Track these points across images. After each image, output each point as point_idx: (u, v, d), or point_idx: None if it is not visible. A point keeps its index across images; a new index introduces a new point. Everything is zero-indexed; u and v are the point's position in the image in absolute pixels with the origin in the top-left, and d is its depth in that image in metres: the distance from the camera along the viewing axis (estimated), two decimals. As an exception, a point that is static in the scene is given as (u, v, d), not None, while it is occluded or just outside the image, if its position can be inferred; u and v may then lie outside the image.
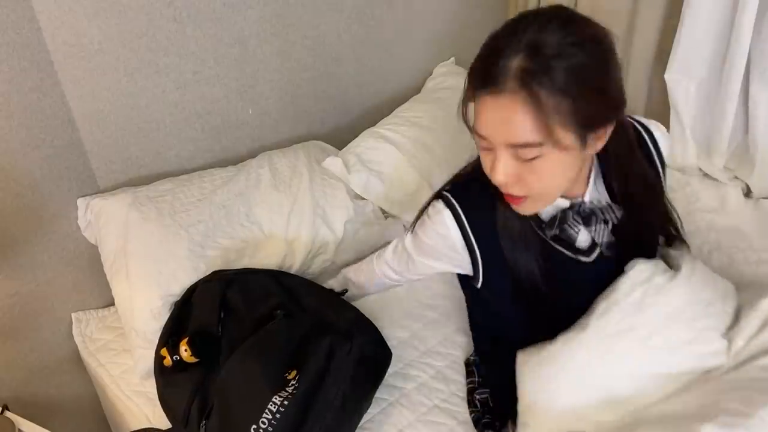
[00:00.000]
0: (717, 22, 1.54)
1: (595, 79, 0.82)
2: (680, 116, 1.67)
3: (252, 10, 1.57)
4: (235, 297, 1.27)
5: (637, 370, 0.97)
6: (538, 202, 0.93)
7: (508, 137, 0.84)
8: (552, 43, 0.79)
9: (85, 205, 1.44)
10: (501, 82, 0.81)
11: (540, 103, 0.79)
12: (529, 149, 0.83)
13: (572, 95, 0.80)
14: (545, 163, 0.85)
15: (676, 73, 1.62)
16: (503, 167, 0.86)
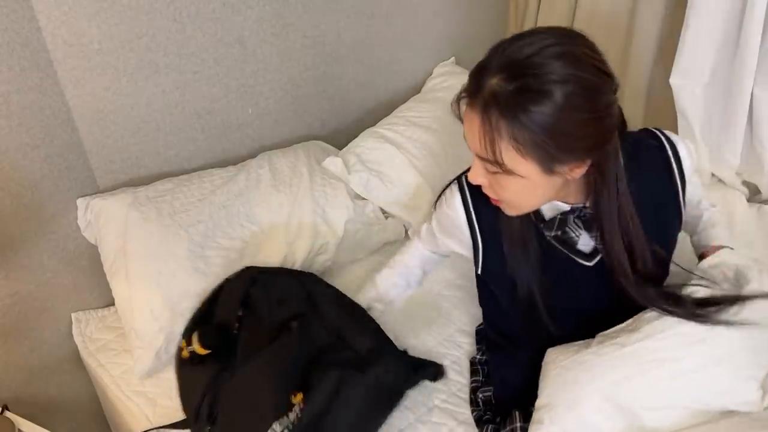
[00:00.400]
0: (721, 26, 1.54)
1: (566, 122, 0.80)
2: (689, 120, 1.66)
3: (252, 10, 1.57)
4: (258, 295, 1.26)
5: (667, 403, 0.94)
6: (516, 210, 0.95)
7: (473, 147, 0.88)
8: (535, 68, 0.79)
9: (84, 205, 1.44)
10: (477, 96, 0.84)
11: (497, 130, 0.81)
12: (489, 164, 0.86)
13: (536, 133, 0.79)
14: (508, 181, 0.87)
15: (681, 77, 1.62)
16: (476, 173, 0.91)
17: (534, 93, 0.78)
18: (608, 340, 0.98)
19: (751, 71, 1.52)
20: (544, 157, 0.82)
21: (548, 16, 2.20)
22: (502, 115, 0.80)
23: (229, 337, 1.23)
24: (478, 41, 2.25)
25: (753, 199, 1.70)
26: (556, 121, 0.79)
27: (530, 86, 0.78)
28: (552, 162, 0.83)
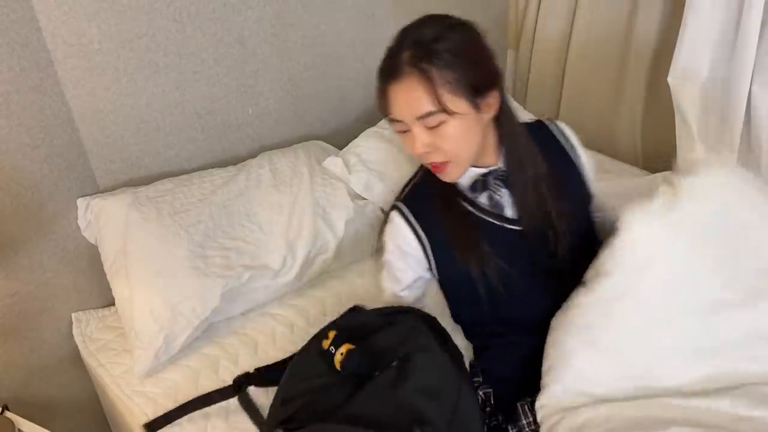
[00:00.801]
0: (719, 25, 1.54)
1: (471, 54, 1.02)
2: (686, 119, 1.66)
3: (252, 10, 1.57)
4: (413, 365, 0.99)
5: (641, 336, 0.97)
6: (458, 166, 1.07)
7: (414, 112, 1.01)
8: (430, 33, 1.01)
9: (85, 205, 1.44)
10: (399, 71, 1.00)
11: (430, 78, 0.98)
12: (431, 117, 1.00)
13: (454, 68, 0.99)
14: (449, 128, 1.01)
15: (679, 76, 1.62)
16: (419, 139, 1.03)
17: (441, 40, 1.00)
18: (583, 288, 1.02)
19: (748, 70, 1.52)
20: (468, 90, 1.00)
21: (548, 17, 2.20)
22: (431, 65, 0.98)
23: (367, 374, 1.00)
24: (478, 41, 2.25)
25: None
26: (465, 54, 1.01)
27: (435, 37, 1.00)
28: (475, 94, 1.01)
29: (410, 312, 1.10)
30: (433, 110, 0.99)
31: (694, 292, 0.96)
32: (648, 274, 0.97)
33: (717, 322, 0.96)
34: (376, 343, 1.03)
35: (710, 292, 0.97)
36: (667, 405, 0.94)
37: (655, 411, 0.94)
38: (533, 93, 2.37)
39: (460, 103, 1.00)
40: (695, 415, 0.92)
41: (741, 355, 0.96)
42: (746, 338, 0.96)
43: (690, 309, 0.97)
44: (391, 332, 1.05)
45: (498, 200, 1.11)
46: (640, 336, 0.97)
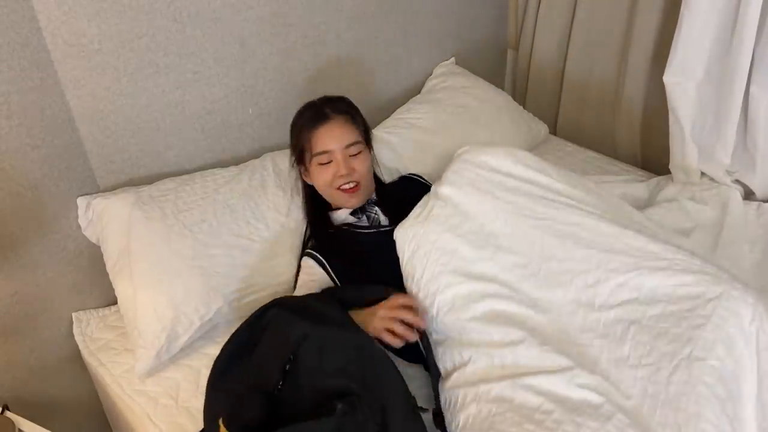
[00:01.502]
0: (715, 24, 1.54)
1: (363, 119, 1.50)
2: (679, 118, 1.66)
3: (252, 10, 1.57)
4: (309, 355, 1.09)
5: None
6: (363, 192, 1.44)
7: (344, 140, 1.40)
8: (335, 98, 1.49)
9: (85, 204, 1.44)
10: (328, 116, 1.41)
11: (353, 119, 1.44)
12: (354, 146, 1.41)
13: (359, 119, 1.47)
14: (363, 157, 1.43)
15: (675, 75, 1.62)
16: (344, 163, 1.40)
17: (345, 101, 1.49)
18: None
19: (744, 70, 1.52)
20: (366, 133, 1.48)
21: (548, 16, 2.20)
22: (349, 113, 1.44)
23: (269, 398, 1.07)
24: (478, 41, 2.25)
25: (748, 199, 1.70)
26: (355, 111, 1.48)
27: (342, 100, 1.49)
28: (366, 137, 1.47)
29: (269, 308, 1.18)
30: (358, 140, 1.42)
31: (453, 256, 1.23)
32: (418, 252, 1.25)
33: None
34: (261, 354, 1.13)
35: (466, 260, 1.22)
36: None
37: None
38: (533, 93, 2.37)
39: (364, 142, 1.45)
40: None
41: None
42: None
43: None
44: (270, 340, 1.14)
45: (374, 217, 1.47)
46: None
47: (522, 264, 1.19)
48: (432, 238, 1.24)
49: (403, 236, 1.29)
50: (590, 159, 2.02)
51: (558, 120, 2.32)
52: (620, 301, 1.11)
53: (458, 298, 1.18)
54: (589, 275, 1.14)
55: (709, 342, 1.02)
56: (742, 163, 1.66)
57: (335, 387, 1.05)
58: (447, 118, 1.82)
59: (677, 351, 1.03)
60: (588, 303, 1.13)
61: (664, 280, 1.09)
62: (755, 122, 1.57)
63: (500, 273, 1.19)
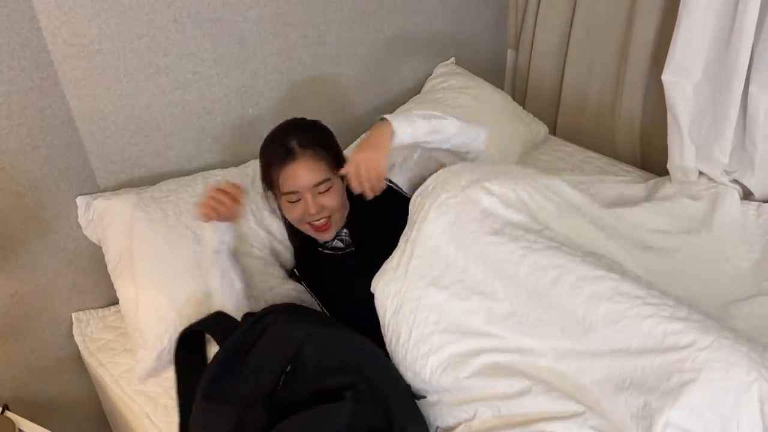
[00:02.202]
0: (714, 23, 1.54)
1: (329, 140, 1.40)
2: (677, 118, 1.66)
3: (252, 10, 1.57)
4: (310, 355, 1.11)
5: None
6: (335, 225, 1.38)
7: (312, 180, 1.31)
8: (301, 128, 1.38)
9: (84, 204, 1.44)
10: (294, 153, 1.31)
11: (320, 155, 1.33)
12: (324, 184, 1.32)
13: (327, 148, 1.35)
14: (333, 191, 1.35)
15: (673, 74, 1.62)
16: (312, 203, 1.32)
17: (313, 131, 1.38)
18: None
19: (742, 70, 1.52)
20: (336, 163, 1.35)
21: (548, 16, 2.20)
22: (317, 145, 1.33)
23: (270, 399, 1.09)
24: (478, 41, 2.25)
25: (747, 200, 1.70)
26: (325, 139, 1.38)
27: (310, 130, 1.38)
28: (339, 162, 1.35)
29: (266, 315, 1.19)
30: (326, 178, 1.32)
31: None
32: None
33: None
34: (258, 357, 1.13)
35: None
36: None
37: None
38: (533, 93, 2.37)
39: (335, 170, 1.34)
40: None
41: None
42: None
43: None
44: (269, 344, 1.14)
45: (346, 239, 1.43)
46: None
47: (509, 312, 1.16)
48: (416, 294, 1.20)
49: (383, 293, 1.23)
50: (589, 159, 2.02)
51: (557, 120, 2.32)
52: (612, 350, 1.06)
53: (454, 356, 1.14)
54: (579, 326, 1.10)
55: (696, 400, 0.96)
56: (741, 163, 1.66)
57: (337, 383, 1.07)
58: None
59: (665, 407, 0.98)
60: (582, 352, 1.09)
61: (653, 328, 1.04)
62: (754, 122, 1.58)
63: (490, 324, 1.16)
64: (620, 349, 1.05)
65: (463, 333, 1.16)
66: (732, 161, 1.65)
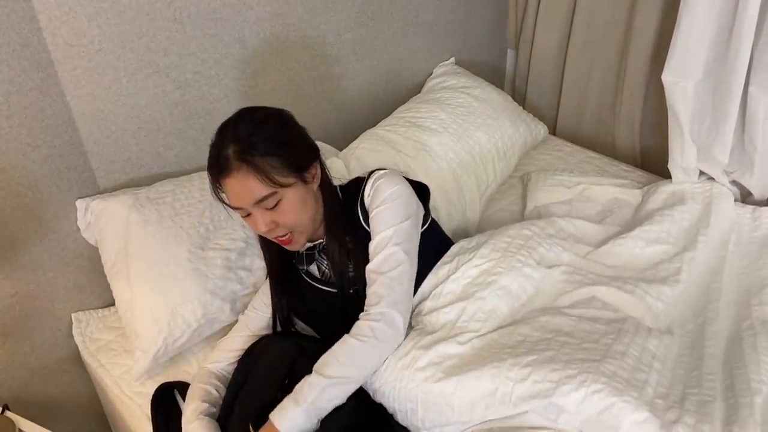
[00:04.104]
0: (714, 23, 1.54)
1: (286, 138, 1.16)
2: (678, 118, 1.66)
3: (252, 10, 1.57)
4: (303, 369, 1.12)
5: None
6: (301, 235, 1.20)
7: (250, 199, 1.12)
8: (246, 128, 1.13)
9: (84, 207, 1.44)
10: (229, 166, 1.11)
11: (257, 167, 1.10)
12: (268, 200, 1.13)
13: (275, 154, 1.12)
14: (286, 204, 1.14)
15: (673, 74, 1.62)
16: (261, 221, 1.14)
17: (257, 132, 1.13)
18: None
19: (742, 70, 1.52)
20: (293, 169, 1.14)
21: (548, 17, 2.20)
22: (255, 156, 1.11)
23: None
24: (478, 41, 2.25)
25: (746, 201, 1.70)
26: (281, 139, 1.15)
27: (251, 131, 1.13)
28: (299, 170, 1.16)
29: (256, 344, 1.23)
30: (267, 194, 1.12)
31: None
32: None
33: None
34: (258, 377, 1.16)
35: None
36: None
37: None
38: (533, 93, 2.38)
39: (289, 179, 1.14)
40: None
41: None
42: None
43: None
44: (265, 363, 1.18)
45: (326, 271, 1.27)
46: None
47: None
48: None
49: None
50: (590, 159, 2.02)
51: (558, 120, 2.32)
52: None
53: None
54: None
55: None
56: (741, 164, 1.66)
57: None
58: (447, 117, 1.82)
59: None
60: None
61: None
62: (753, 123, 1.58)
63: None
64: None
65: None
66: (731, 161, 1.65)
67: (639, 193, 1.77)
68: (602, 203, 1.77)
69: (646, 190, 1.77)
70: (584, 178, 1.85)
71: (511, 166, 1.92)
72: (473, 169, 1.76)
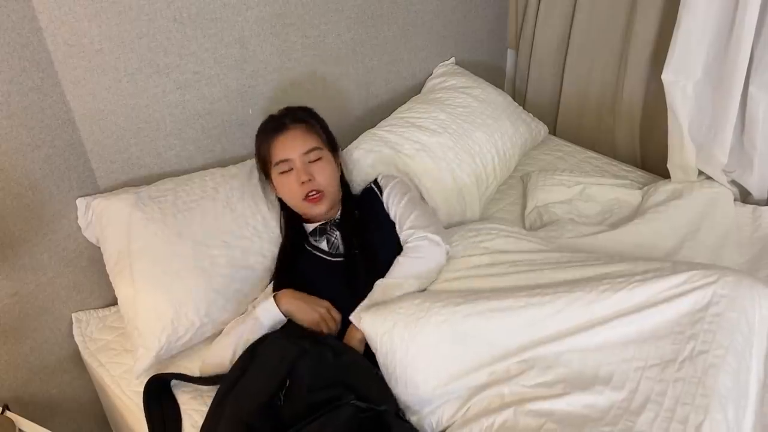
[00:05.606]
0: (714, 23, 1.54)
1: (327, 127, 1.51)
2: (678, 117, 1.67)
3: (252, 10, 1.57)
4: (302, 371, 1.14)
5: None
6: (327, 199, 1.43)
7: (302, 148, 1.41)
8: (301, 111, 1.49)
9: (84, 205, 1.44)
10: (286, 126, 1.43)
11: (312, 126, 1.45)
12: (314, 152, 1.41)
13: (321, 127, 1.48)
14: (324, 162, 1.43)
15: (673, 74, 1.62)
16: (304, 170, 1.40)
17: (312, 115, 1.50)
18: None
19: (742, 70, 1.52)
20: (329, 143, 1.48)
21: (548, 17, 2.20)
22: (309, 121, 1.46)
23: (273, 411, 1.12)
24: (478, 41, 2.26)
25: (745, 201, 1.70)
26: (325, 126, 1.51)
27: (309, 114, 1.50)
28: (333, 149, 1.49)
29: (257, 344, 1.23)
30: (315, 146, 1.42)
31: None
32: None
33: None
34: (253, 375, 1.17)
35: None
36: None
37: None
38: (533, 93, 2.38)
39: (327, 148, 1.45)
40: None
41: None
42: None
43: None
44: (262, 362, 1.18)
45: (334, 241, 1.44)
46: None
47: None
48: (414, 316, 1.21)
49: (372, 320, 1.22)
50: (590, 159, 2.02)
51: (558, 120, 2.32)
52: (619, 312, 1.12)
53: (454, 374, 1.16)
54: (583, 298, 1.15)
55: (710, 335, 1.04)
56: (740, 164, 1.66)
57: (331, 396, 1.09)
58: (446, 117, 1.82)
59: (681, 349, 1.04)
60: (588, 322, 1.13)
61: (656, 285, 1.12)
62: (753, 123, 1.58)
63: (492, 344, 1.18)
64: (627, 308, 1.14)
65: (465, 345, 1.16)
66: (731, 161, 1.65)
67: (639, 193, 1.77)
68: (602, 203, 1.78)
69: (646, 190, 1.77)
70: (584, 178, 1.85)
71: (510, 167, 1.92)
72: (473, 169, 1.76)
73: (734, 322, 1.06)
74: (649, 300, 1.12)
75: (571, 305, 1.13)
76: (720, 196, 1.66)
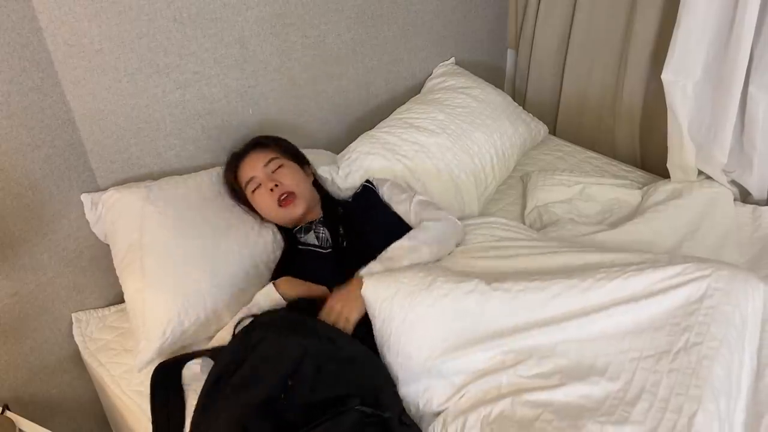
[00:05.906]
0: (714, 23, 1.54)
1: (288, 143, 1.60)
2: (677, 117, 1.67)
3: (252, 10, 1.57)
4: (308, 369, 1.11)
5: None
6: (301, 200, 1.48)
7: (263, 160, 1.49)
8: (258, 137, 1.59)
9: (89, 201, 1.45)
10: (247, 151, 1.53)
11: (268, 146, 1.55)
12: (273, 162, 1.50)
13: (281, 147, 1.57)
14: (286, 169, 1.50)
15: (673, 73, 1.62)
16: (269, 178, 1.47)
17: (269, 138, 1.59)
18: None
19: (742, 70, 1.52)
20: (292, 154, 1.57)
21: (548, 16, 2.20)
22: (267, 140, 1.57)
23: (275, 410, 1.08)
24: (478, 41, 2.26)
25: (745, 201, 1.70)
26: (285, 142, 1.60)
27: (266, 137, 1.59)
28: (297, 160, 1.57)
29: (252, 330, 1.20)
30: (272, 156, 1.50)
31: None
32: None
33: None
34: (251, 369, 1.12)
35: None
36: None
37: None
38: (533, 93, 2.38)
39: (288, 158, 1.54)
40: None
41: None
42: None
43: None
44: (261, 357, 1.13)
45: (322, 236, 1.48)
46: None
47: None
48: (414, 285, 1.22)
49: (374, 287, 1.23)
50: (590, 159, 2.02)
51: (558, 120, 2.32)
52: (615, 301, 1.13)
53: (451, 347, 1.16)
54: (579, 285, 1.16)
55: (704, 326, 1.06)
56: (740, 164, 1.66)
57: (335, 396, 1.07)
58: (445, 118, 1.82)
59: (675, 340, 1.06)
60: (582, 309, 1.14)
61: (652, 275, 1.13)
62: (753, 123, 1.58)
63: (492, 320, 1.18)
64: (622, 297, 1.15)
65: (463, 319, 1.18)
66: (730, 161, 1.65)
67: (639, 193, 1.77)
68: (602, 203, 1.78)
69: (646, 190, 1.77)
70: (584, 178, 1.85)
71: (510, 167, 1.92)
72: (471, 169, 1.76)
73: (729, 315, 1.07)
74: (644, 290, 1.13)
75: (567, 291, 1.14)
76: (720, 196, 1.66)
